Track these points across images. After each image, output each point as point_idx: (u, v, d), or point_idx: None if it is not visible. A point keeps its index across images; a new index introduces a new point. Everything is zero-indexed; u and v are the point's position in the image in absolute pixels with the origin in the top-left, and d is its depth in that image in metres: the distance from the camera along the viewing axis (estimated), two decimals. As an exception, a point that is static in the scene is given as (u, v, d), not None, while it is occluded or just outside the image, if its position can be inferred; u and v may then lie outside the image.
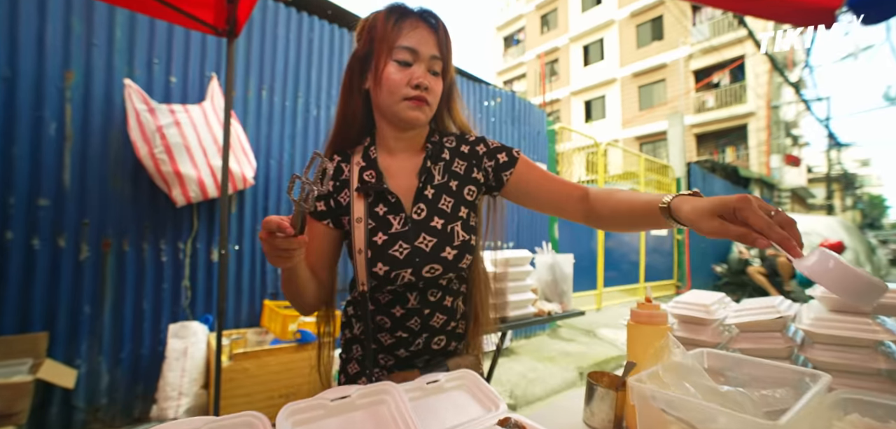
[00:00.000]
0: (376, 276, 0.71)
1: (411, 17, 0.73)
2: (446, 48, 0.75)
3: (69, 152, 1.84)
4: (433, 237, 0.73)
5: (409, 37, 0.71)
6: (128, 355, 1.93)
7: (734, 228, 0.51)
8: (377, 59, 0.71)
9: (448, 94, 0.81)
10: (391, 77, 0.71)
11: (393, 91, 0.71)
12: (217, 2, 1.71)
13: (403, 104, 0.71)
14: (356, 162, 0.76)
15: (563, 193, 0.78)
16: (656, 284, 6.69)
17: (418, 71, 0.71)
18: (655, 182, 6.81)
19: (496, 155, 0.81)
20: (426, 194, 0.76)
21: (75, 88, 1.87)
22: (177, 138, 1.98)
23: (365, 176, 0.75)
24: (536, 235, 4.33)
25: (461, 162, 0.80)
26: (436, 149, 0.79)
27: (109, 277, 1.91)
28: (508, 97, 4.20)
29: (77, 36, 1.88)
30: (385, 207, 0.73)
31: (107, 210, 1.92)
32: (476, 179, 0.80)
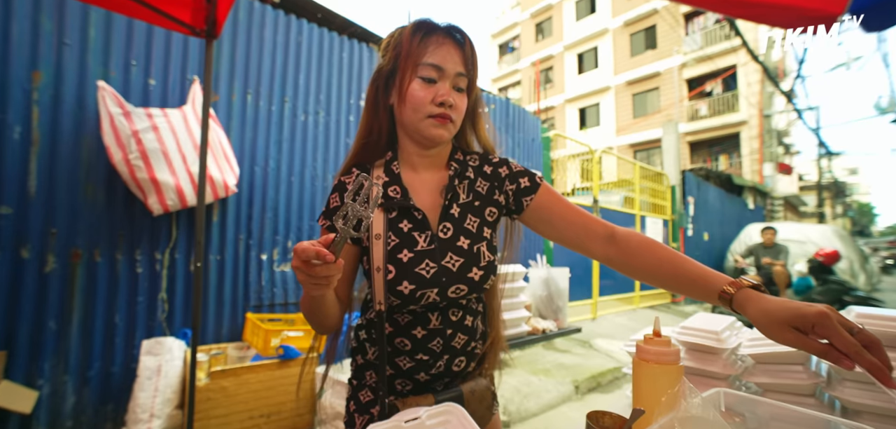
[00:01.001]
0: (400, 295, 0.69)
1: (437, 33, 0.71)
2: (472, 65, 0.74)
3: (35, 158, 1.72)
4: (460, 257, 0.72)
5: (434, 53, 0.70)
6: (97, 374, 1.81)
7: (814, 345, 0.47)
8: (402, 75, 0.71)
9: (473, 112, 0.80)
10: (415, 94, 0.70)
11: (417, 108, 0.70)
12: (195, 1, 1.62)
13: (427, 122, 0.70)
14: (376, 176, 0.75)
15: (587, 229, 0.74)
16: (652, 294, 6.63)
17: (443, 88, 0.70)
18: (650, 190, 6.77)
19: (518, 178, 0.79)
20: (452, 213, 0.74)
21: (43, 90, 1.76)
22: (154, 144, 1.87)
23: (389, 191, 0.74)
24: (530, 246, 4.24)
25: (484, 182, 0.79)
26: (461, 167, 0.78)
27: (78, 290, 1.79)
28: (502, 104, 4.13)
29: (46, 34, 1.78)
30: (410, 224, 0.72)
31: (77, 219, 1.80)
32: (497, 201, 0.79)
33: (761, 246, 5.31)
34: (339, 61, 2.80)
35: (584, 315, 5.17)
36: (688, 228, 7.25)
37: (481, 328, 0.80)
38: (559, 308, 1.76)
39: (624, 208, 6.23)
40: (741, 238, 7.89)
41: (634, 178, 6.28)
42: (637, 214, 6.21)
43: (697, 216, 7.59)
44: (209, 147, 2.06)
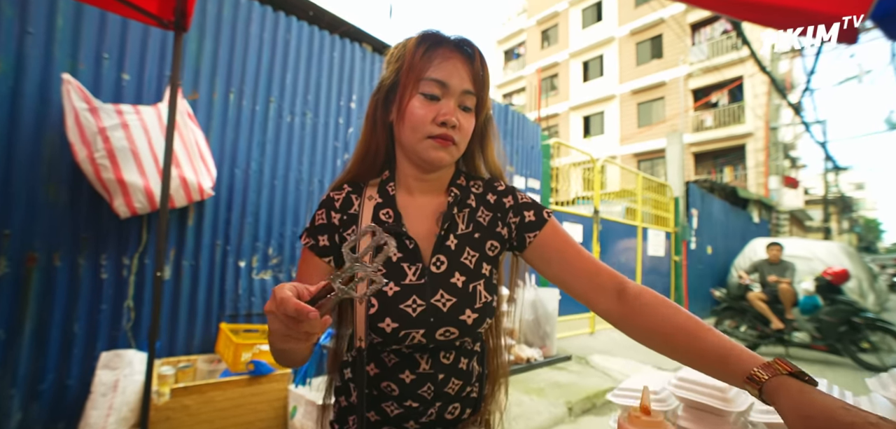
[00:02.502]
0: (382, 333, 0.62)
1: (444, 46, 0.66)
2: (482, 82, 0.67)
3: (-9, 155, 1.61)
4: (452, 296, 0.65)
5: (439, 68, 0.64)
6: (49, 387, 1.68)
7: None
8: (402, 90, 0.65)
9: (482, 134, 0.73)
10: (415, 111, 0.64)
11: (416, 127, 0.64)
12: (163, -10, 1.50)
13: (426, 143, 0.64)
14: (368, 196, 0.69)
15: (593, 281, 0.65)
16: (652, 307, 6.44)
17: (446, 106, 0.64)
18: (653, 201, 6.60)
19: (523, 211, 0.72)
20: (448, 245, 0.67)
21: (1, 81, 1.64)
22: (122, 142, 1.75)
23: (381, 214, 0.67)
24: (528, 254, 4.08)
25: (486, 212, 0.73)
26: (462, 194, 0.71)
27: (32, 297, 1.66)
28: (501, 110, 4.00)
29: (7, 21, 1.66)
30: (399, 254, 0.65)
31: (34, 220, 1.68)
32: (500, 234, 0.72)
33: (767, 262, 5.13)
34: (330, 61, 2.68)
35: (581, 330, 5.00)
36: (691, 241, 7.07)
37: (478, 370, 0.72)
38: (547, 334, 1.61)
39: (626, 219, 6.07)
40: (746, 253, 7.69)
41: (637, 188, 6.11)
42: (639, 226, 6.04)
43: (701, 229, 7.40)
44: (185, 147, 1.94)
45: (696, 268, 7.23)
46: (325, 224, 0.67)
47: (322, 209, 0.68)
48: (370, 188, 0.69)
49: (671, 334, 0.56)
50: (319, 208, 0.68)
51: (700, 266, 7.35)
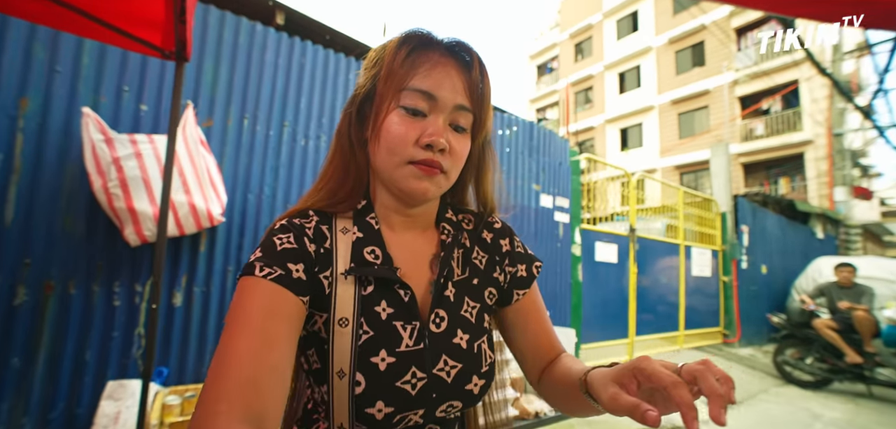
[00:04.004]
0: (371, 420, 0.47)
1: (434, 49, 0.52)
2: (481, 96, 0.54)
3: (15, 186, 1.66)
4: (457, 361, 0.52)
5: (426, 76, 0.51)
6: (59, 416, 1.68)
7: (625, 399, 0.38)
8: (379, 101, 0.52)
9: (479, 161, 0.61)
10: (393, 129, 0.50)
11: (394, 149, 0.50)
12: (166, 23, 1.49)
13: (406, 169, 0.51)
14: (342, 228, 0.54)
15: (541, 353, 0.62)
16: (699, 333, 5.86)
17: (433, 124, 0.50)
18: (697, 217, 6.06)
19: (519, 263, 0.63)
20: (447, 295, 0.55)
21: (30, 117, 1.71)
22: (135, 171, 1.76)
23: (365, 253, 0.52)
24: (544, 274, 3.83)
25: (482, 253, 0.62)
26: (455, 230, 0.60)
27: (48, 325, 1.68)
28: (526, 126, 3.82)
29: (38, 62, 1.74)
30: (390, 309, 0.51)
31: (53, 249, 1.71)
32: (497, 281, 0.61)
33: (836, 285, 4.49)
34: (345, 83, 2.65)
35: (618, 357, 4.60)
36: (741, 259, 6.40)
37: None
38: None
39: (667, 237, 5.60)
40: (809, 273, 6.85)
41: (678, 204, 5.64)
42: (681, 244, 5.55)
43: (753, 246, 6.70)
44: (196, 174, 1.94)
45: (749, 289, 6.53)
46: (296, 250, 0.49)
47: (286, 233, 0.50)
48: (342, 219, 0.55)
49: (554, 387, 0.57)
50: (281, 232, 0.50)
51: (753, 287, 6.64)
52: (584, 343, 4.19)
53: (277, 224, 0.52)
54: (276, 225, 0.52)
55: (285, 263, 0.47)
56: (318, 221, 0.53)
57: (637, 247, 4.73)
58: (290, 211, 0.55)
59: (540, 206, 3.82)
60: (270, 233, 0.51)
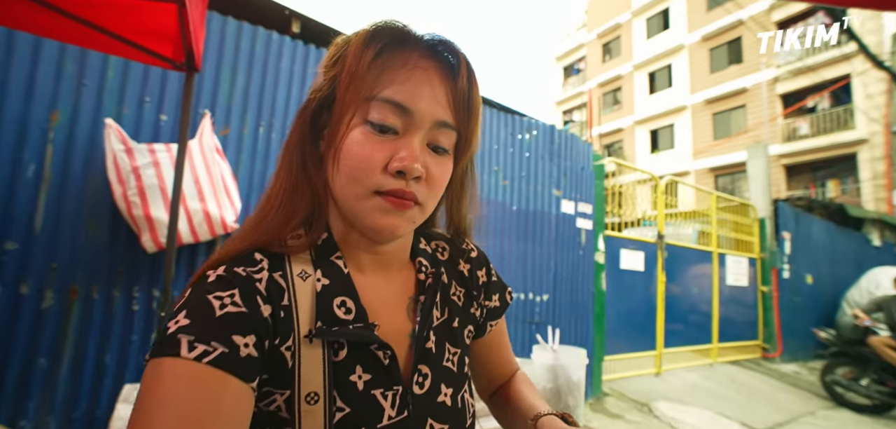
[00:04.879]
0: None
1: (410, 48, 0.42)
2: (468, 108, 0.44)
3: (45, 194, 1.73)
4: (443, 422, 0.46)
5: (399, 84, 0.40)
6: (81, 416, 1.73)
7: None
8: (339, 113, 0.41)
9: (460, 185, 0.52)
10: (355, 151, 0.40)
11: (356, 176, 0.41)
12: (177, 35, 1.50)
13: (372, 203, 0.41)
14: (300, 274, 0.42)
15: (500, 371, 0.61)
16: (735, 346, 5.47)
17: (407, 145, 0.41)
18: (732, 223, 5.67)
19: (493, 293, 0.58)
20: (428, 347, 0.47)
21: (59, 129, 1.77)
22: (152, 180, 1.80)
23: (336, 308, 0.42)
24: (540, 282, 3.66)
25: (459, 287, 0.54)
26: (433, 264, 0.52)
27: (72, 328, 1.74)
28: (546, 130, 3.68)
29: (68, 77, 1.80)
30: (368, 375, 0.42)
31: (78, 255, 1.77)
32: (474, 317, 0.55)
33: (894, 299, 4.06)
34: (360, 91, 2.62)
35: (645, 370, 4.36)
36: (783, 268, 5.94)
37: None
38: (569, 408, 1.27)
39: (699, 244, 5.27)
40: (863, 284, 6.26)
41: (711, 209, 5.30)
42: (714, 251, 5.21)
43: (796, 254, 6.20)
44: (211, 182, 1.96)
45: (792, 301, 6.04)
46: (245, 316, 0.36)
47: (229, 290, 0.36)
48: (298, 261, 0.43)
49: (506, 405, 0.56)
50: (220, 288, 0.36)
51: (797, 299, 6.14)
52: (609, 355, 3.99)
53: (212, 275, 0.38)
54: (211, 276, 0.38)
55: (229, 335, 0.34)
56: (270, 267, 0.41)
57: (665, 254, 4.47)
58: (224, 253, 0.41)
59: (561, 212, 3.66)
60: (202, 288, 0.37)
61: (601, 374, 3.77)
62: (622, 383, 4.05)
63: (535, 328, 3.34)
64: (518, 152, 3.47)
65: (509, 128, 3.43)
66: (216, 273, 0.38)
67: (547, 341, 1.38)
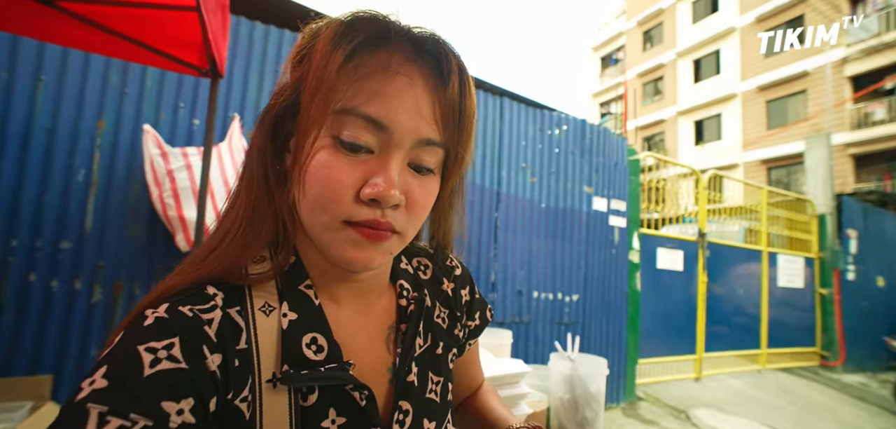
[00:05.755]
0: None
1: (389, 49, 0.35)
2: (460, 122, 0.37)
3: (93, 198, 1.85)
4: None
5: (375, 96, 0.34)
6: (124, 401, 1.85)
7: None
8: (304, 126, 0.35)
9: (447, 205, 0.45)
10: (321, 174, 0.34)
11: (322, 203, 0.35)
12: (201, 43, 1.54)
13: (340, 235, 0.35)
14: (263, 305, 0.37)
15: (470, 384, 0.59)
16: (788, 353, 4.99)
17: (383, 169, 0.34)
18: (787, 221, 5.15)
19: (476, 311, 0.54)
20: (409, 381, 0.42)
21: (105, 136, 1.89)
22: (185, 182, 1.87)
23: (306, 346, 0.36)
24: (569, 282, 3.47)
25: (443, 309, 0.50)
26: (415, 287, 0.47)
27: (118, 320, 1.85)
28: (577, 124, 3.49)
29: (112, 87, 1.91)
30: (343, 419, 0.37)
31: (122, 253, 1.89)
32: (457, 338, 0.51)
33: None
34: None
35: (684, 374, 4.07)
36: (847, 270, 5.32)
37: None
38: (587, 421, 1.16)
39: (747, 243, 4.84)
40: (942, 289, 5.49)
41: (761, 204, 4.83)
42: (764, 250, 4.76)
43: (864, 254, 5.54)
44: (239, 184, 2.01)
45: (858, 306, 5.40)
46: (182, 374, 0.29)
47: (165, 339, 0.30)
48: (262, 291, 0.37)
49: (472, 416, 0.55)
50: (153, 338, 0.30)
51: (863, 304, 5.49)
52: (643, 358, 3.76)
53: (150, 317, 0.31)
54: (148, 318, 0.31)
55: (158, 402, 0.28)
56: (225, 302, 0.35)
57: (707, 253, 4.13)
58: (171, 285, 0.35)
59: (592, 209, 3.47)
60: (134, 334, 0.30)
61: (635, 377, 3.56)
62: (658, 388, 3.80)
63: (565, 329, 3.20)
64: (547, 148, 3.32)
65: (538, 123, 3.29)
66: (155, 314, 0.32)
67: (566, 349, 1.28)
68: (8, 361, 1.69)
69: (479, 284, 2.86)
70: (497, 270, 2.96)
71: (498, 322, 2.91)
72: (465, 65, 0.38)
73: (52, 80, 1.81)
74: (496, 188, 3.03)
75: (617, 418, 3.20)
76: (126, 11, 1.39)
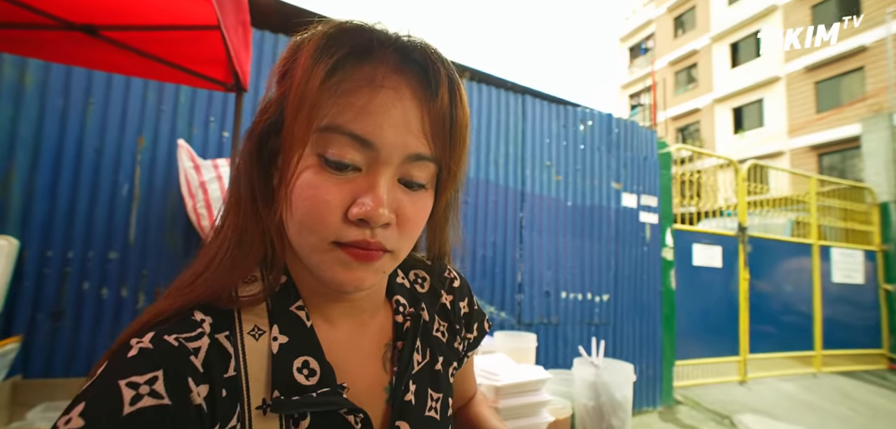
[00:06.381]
0: None
1: (374, 62, 0.33)
2: (452, 135, 0.36)
3: (136, 211, 1.96)
4: None
5: (359, 112, 0.32)
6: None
7: None
8: (288, 145, 0.33)
9: (443, 217, 0.44)
10: (307, 194, 0.33)
11: (309, 225, 0.33)
12: (225, 60, 1.59)
13: (329, 257, 0.34)
14: (253, 329, 0.36)
15: (463, 395, 0.58)
16: (848, 354, 4.56)
17: (371, 188, 0.33)
18: (841, 212, 4.72)
19: (474, 323, 0.53)
20: (407, 400, 0.41)
21: (145, 152, 2.00)
22: (216, 193, 1.95)
23: (297, 371, 0.35)
24: (599, 282, 3.31)
25: (442, 322, 0.49)
26: (411, 302, 0.46)
27: (159, 324, 1.96)
28: (603, 119, 3.36)
29: (150, 105, 2.03)
30: None
31: (162, 262, 1.99)
32: (457, 352, 0.50)
33: None
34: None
35: (727, 377, 3.82)
36: (915, 263, 4.80)
37: None
38: (613, 428, 1.08)
39: (795, 236, 4.47)
40: None
41: (809, 194, 4.45)
42: (814, 244, 4.38)
43: (935, 246, 4.97)
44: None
45: (929, 303, 4.86)
46: (165, 411, 0.28)
47: (147, 373, 0.29)
48: (251, 314, 0.36)
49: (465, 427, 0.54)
50: (135, 372, 0.29)
51: (936, 300, 4.92)
52: (680, 359, 3.56)
53: (134, 347, 0.30)
54: (133, 349, 0.30)
55: None
56: (213, 328, 0.34)
57: (749, 248, 3.85)
58: (159, 311, 0.33)
59: (621, 206, 3.33)
60: (116, 367, 0.29)
61: (672, 380, 3.37)
62: (698, 391, 3.58)
63: (595, 330, 3.08)
64: (572, 145, 3.21)
65: (561, 120, 3.19)
66: (140, 345, 0.30)
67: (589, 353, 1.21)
68: (68, 365, 1.82)
69: (505, 285, 2.81)
70: (523, 271, 2.89)
71: (526, 324, 2.84)
72: (455, 74, 0.36)
73: (100, 102, 1.94)
74: (520, 188, 2.97)
75: (653, 423, 3.04)
76: (157, 35, 1.47)
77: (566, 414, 1.04)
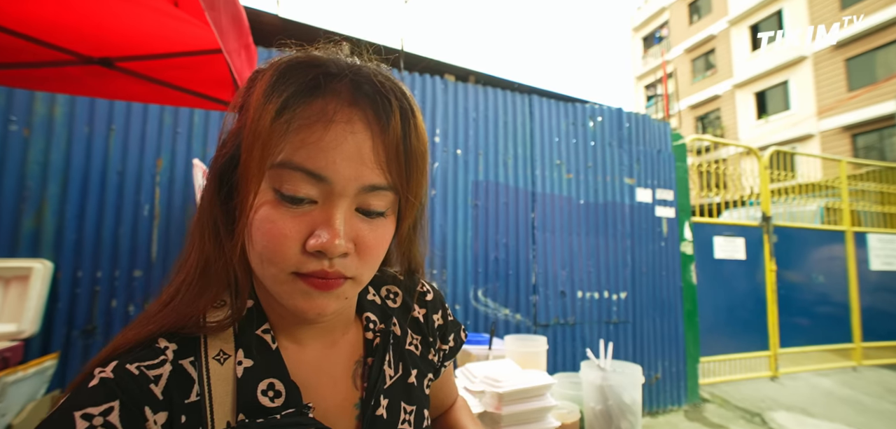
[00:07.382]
0: None
1: (324, 95, 0.33)
2: (407, 163, 0.36)
3: (157, 229, 2.04)
4: None
5: (311, 148, 0.32)
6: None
7: None
8: (244, 180, 0.34)
9: (408, 238, 0.44)
10: (264, 228, 0.33)
11: (268, 257, 0.34)
12: (231, 81, 1.64)
13: (290, 287, 0.34)
14: (218, 354, 0.36)
15: (443, 404, 0.58)
16: (891, 346, 4.26)
17: (325, 221, 0.33)
18: (879, 195, 4.43)
19: (449, 334, 0.53)
20: (379, 415, 0.41)
21: (163, 173, 2.08)
22: (231, 209, 2.02)
23: (261, 395, 0.35)
24: (615, 279, 3.20)
25: (415, 336, 0.49)
26: (382, 318, 0.46)
27: (181, 338, 2.03)
28: (613, 114, 3.28)
29: (167, 128, 2.11)
30: None
31: (182, 277, 2.06)
32: (432, 363, 0.51)
33: None
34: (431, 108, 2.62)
35: (757, 372, 3.64)
36: (964, 246, 4.45)
37: None
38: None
39: (826, 224, 4.23)
40: None
41: (840, 180, 4.20)
42: (848, 231, 4.13)
43: None
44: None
45: (981, 287, 4.49)
46: None
47: (103, 404, 0.30)
48: (217, 340, 0.37)
49: None
50: (90, 403, 0.29)
51: None
52: (706, 355, 3.41)
53: (96, 377, 0.31)
54: (94, 379, 0.31)
55: None
56: (177, 354, 0.34)
57: (774, 238, 3.66)
58: (124, 341, 0.34)
59: (636, 201, 3.23)
60: (76, 398, 0.30)
61: (697, 377, 3.24)
62: (726, 388, 3.43)
63: (613, 328, 3.00)
64: (582, 142, 3.15)
65: (570, 117, 3.13)
66: (101, 374, 0.31)
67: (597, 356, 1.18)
68: (98, 377, 1.91)
69: (520, 287, 2.77)
70: (537, 272, 2.85)
71: (541, 326, 2.79)
72: (409, 102, 0.36)
73: (121, 128, 2.04)
74: (531, 188, 2.93)
75: (679, 423, 2.93)
76: (167, 62, 1.53)
77: (574, 418, 1.01)
